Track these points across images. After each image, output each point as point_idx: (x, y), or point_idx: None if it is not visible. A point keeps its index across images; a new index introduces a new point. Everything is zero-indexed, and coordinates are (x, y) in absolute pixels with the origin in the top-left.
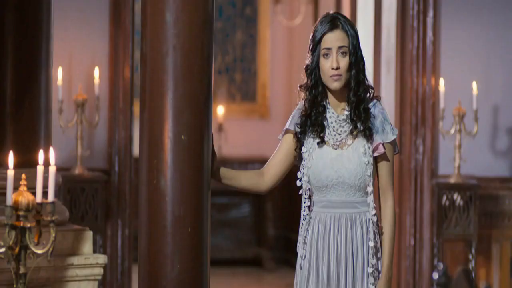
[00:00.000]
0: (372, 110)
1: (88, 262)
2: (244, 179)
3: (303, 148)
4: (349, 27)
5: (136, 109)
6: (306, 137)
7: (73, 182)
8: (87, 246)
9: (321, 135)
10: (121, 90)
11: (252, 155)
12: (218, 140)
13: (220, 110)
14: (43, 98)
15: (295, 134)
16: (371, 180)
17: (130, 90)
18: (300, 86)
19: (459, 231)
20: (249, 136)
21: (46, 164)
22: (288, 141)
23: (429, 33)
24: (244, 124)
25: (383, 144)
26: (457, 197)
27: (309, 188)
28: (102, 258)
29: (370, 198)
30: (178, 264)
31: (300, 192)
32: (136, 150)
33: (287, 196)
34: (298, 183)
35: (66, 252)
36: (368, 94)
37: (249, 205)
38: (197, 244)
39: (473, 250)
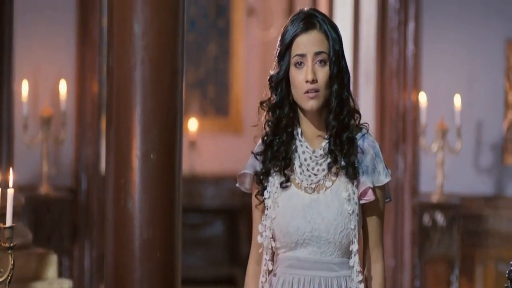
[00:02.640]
0: (360, 142)
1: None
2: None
3: (265, 193)
4: (330, 27)
5: (104, 125)
6: (269, 178)
7: (38, 201)
8: (52, 270)
9: (286, 171)
10: (88, 105)
11: (225, 171)
12: (190, 156)
13: (192, 125)
14: (5, 114)
15: (255, 175)
16: (356, 236)
17: (98, 105)
18: (261, 103)
19: (442, 251)
20: (222, 151)
21: (5, 185)
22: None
23: (410, 45)
24: (217, 139)
25: (373, 188)
26: (439, 216)
27: (272, 246)
28: (67, 283)
29: (355, 260)
30: None
31: (260, 251)
32: (104, 168)
33: None
34: (260, 239)
35: (29, 277)
36: (353, 120)
37: (222, 223)
38: (167, 269)
39: (456, 271)
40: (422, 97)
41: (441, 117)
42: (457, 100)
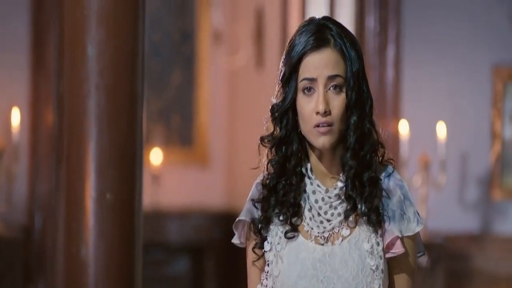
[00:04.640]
0: (385, 182)
1: None
2: None
3: (265, 245)
4: (347, 42)
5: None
6: (271, 227)
7: None
8: None
9: (294, 220)
10: (43, 136)
11: (190, 204)
12: (153, 189)
13: (154, 157)
14: None
15: (252, 224)
16: None
17: (54, 137)
18: (262, 139)
19: None
20: (187, 184)
21: None
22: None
23: (390, 71)
24: (181, 171)
25: (401, 238)
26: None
27: None
28: None
29: None
30: None
31: None
32: None
33: (230, 250)
34: None
35: None
36: (376, 157)
37: (187, 260)
38: None
39: None
40: (403, 127)
41: (424, 149)
42: (441, 130)
